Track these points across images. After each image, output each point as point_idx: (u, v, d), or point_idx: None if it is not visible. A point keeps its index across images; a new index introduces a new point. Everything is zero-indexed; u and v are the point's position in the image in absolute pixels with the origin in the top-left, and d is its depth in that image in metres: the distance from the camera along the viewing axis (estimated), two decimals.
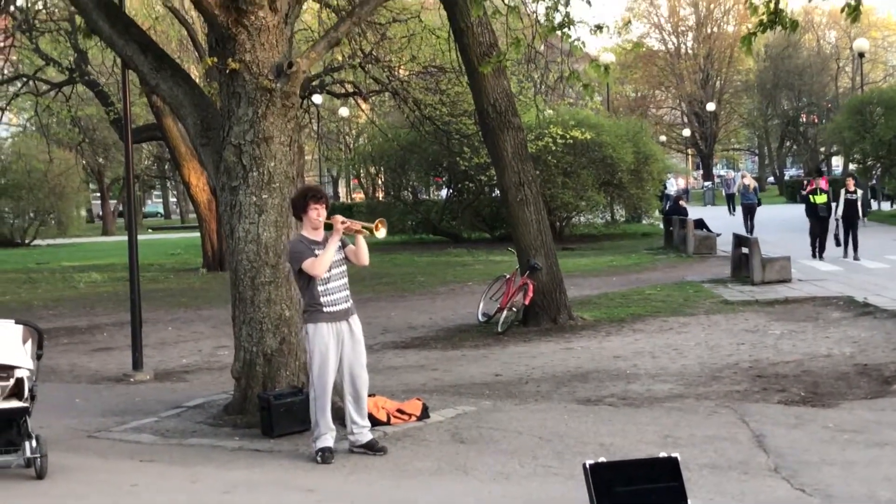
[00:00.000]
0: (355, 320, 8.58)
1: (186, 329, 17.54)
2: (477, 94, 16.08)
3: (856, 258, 23.22)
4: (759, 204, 35.31)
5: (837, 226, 23.96)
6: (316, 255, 8.31)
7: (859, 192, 24.66)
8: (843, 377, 10.90)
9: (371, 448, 8.47)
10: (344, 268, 8.57)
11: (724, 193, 54.69)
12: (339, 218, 8.48)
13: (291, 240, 8.58)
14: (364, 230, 8.62)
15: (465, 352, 14.01)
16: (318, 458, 8.31)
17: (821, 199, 24.26)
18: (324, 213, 8.49)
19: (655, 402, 10.10)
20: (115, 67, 25.11)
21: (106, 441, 9.55)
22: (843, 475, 7.37)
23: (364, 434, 8.53)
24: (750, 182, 35.87)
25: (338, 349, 8.41)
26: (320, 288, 8.37)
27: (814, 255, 24.04)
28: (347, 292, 8.58)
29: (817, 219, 24.33)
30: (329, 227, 8.48)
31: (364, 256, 8.64)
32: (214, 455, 8.79)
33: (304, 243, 8.43)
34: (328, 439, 8.39)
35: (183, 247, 41.44)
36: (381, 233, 8.58)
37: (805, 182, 38.80)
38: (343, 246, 8.55)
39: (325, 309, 8.38)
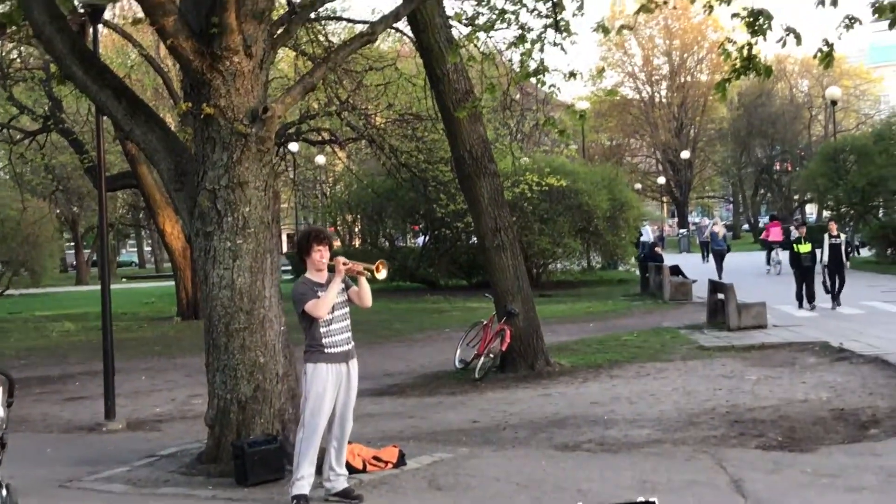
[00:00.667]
0: (354, 364, 8.54)
1: (160, 378, 17.38)
2: (453, 141, 16.10)
3: (835, 305, 22.70)
4: (729, 250, 37.09)
5: (824, 273, 23.06)
6: (318, 297, 8.26)
7: (843, 236, 24.05)
8: (820, 422, 10.87)
9: (346, 496, 8.37)
10: (347, 310, 8.53)
11: (697, 240, 55.00)
12: (341, 259, 8.44)
13: (296, 282, 8.52)
14: (366, 272, 8.59)
15: (442, 398, 13.92)
16: None
17: (804, 248, 23.38)
18: (327, 254, 8.46)
19: (633, 448, 10.03)
20: (90, 115, 25.13)
21: (77, 491, 9.40)
22: None
23: (340, 482, 8.44)
24: (720, 230, 37.02)
25: (334, 392, 8.34)
26: (322, 329, 8.31)
27: (800, 306, 23.04)
28: (349, 334, 8.54)
29: (801, 269, 23.42)
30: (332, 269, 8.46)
31: (367, 298, 8.60)
32: None
33: (307, 285, 8.39)
34: (306, 486, 8.26)
35: (157, 295, 41.20)
36: (383, 273, 8.57)
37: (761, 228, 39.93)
38: (346, 288, 8.51)
39: (326, 350, 8.32)
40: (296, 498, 8.22)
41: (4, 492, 7.62)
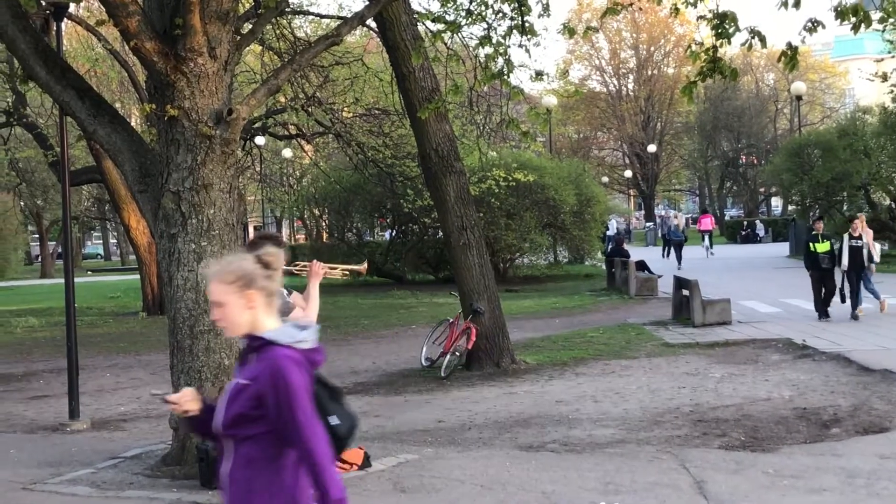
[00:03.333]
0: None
1: (125, 375, 17.30)
2: (419, 139, 16.11)
3: (853, 316, 19.54)
4: (686, 240, 41.25)
5: (843, 279, 20.00)
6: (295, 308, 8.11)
7: (866, 236, 20.46)
8: (783, 421, 10.98)
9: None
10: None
11: (659, 234, 55.49)
12: (318, 263, 8.40)
13: None
14: (346, 274, 8.56)
15: (408, 397, 13.95)
16: None
17: (822, 246, 20.40)
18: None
19: (597, 448, 10.10)
20: (54, 110, 24.90)
21: (41, 493, 9.35)
22: None
23: None
24: (679, 222, 39.58)
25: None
26: None
27: (821, 316, 19.88)
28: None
29: (819, 270, 20.18)
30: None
31: (314, 310, 8.51)
32: None
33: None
34: None
35: (122, 289, 40.95)
36: (363, 267, 8.56)
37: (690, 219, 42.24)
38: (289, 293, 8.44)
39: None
40: None
41: None
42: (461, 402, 13.19)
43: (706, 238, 46.11)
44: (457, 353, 15.68)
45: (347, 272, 8.62)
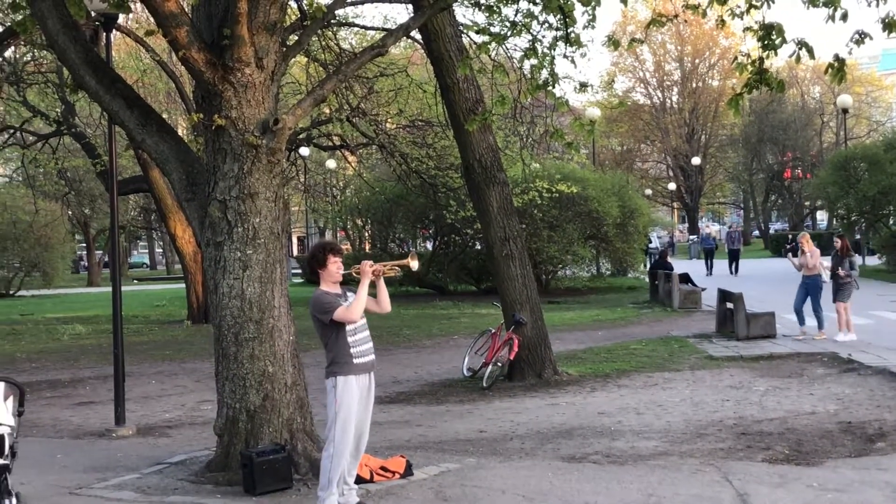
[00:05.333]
0: (373, 375, 8.50)
1: (170, 382, 17.45)
2: (463, 149, 16.15)
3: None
4: (717, 248, 45.49)
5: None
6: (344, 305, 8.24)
7: (813, 257, 19.80)
8: (827, 435, 10.89)
9: None
10: (365, 320, 8.48)
11: (700, 248, 55.67)
12: (367, 263, 8.48)
13: (315, 294, 8.41)
14: (396, 268, 8.63)
15: (449, 407, 13.97)
16: None
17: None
18: (342, 267, 8.47)
19: (640, 460, 10.07)
20: (102, 120, 25.25)
21: (87, 498, 9.45)
22: None
23: (352, 496, 8.43)
24: (711, 230, 41.80)
25: (360, 404, 8.30)
26: (350, 339, 8.24)
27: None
28: (372, 344, 8.49)
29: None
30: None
31: (386, 303, 8.59)
32: None
33: (329, 294, 8.33)
34: (335, 502, 8.22)
35: (168, 298, 41.31)
36: (415, 264, 8.60)
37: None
38: None
39: (355, 360, 8.24)
40: None
41: (14, 500, 7.70)
42: (503, 413, 13.19)
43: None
44: (499, 364, 15.68)
45: (397, 267, 8.66)
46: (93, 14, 13.06)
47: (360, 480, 9.00)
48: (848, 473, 9.18)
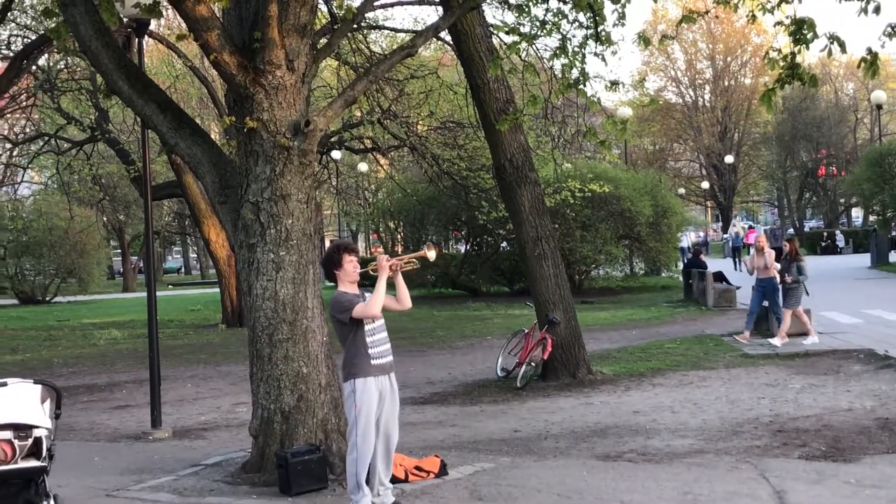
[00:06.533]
0: (394, 376, 8.48)
1: (205, 385, 17.55)
2: (494, 149, 16.15)
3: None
4: (745, 246, 46.01)
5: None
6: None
7: (769, 257, 19.32)
8: (865, 431, 10.81)
9: None
10: (383, 321, 8.46)
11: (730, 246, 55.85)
12: (385, 256, 8.47)
13: (333, 295, 8.42)
14: (413, 261, 8.63)
15: (483, 407, 13.96)
16: None
17: None
18: (359, 266, 8.48)
19: (675, 458, 10.03)
20: (136, 126, 25.40)
21: (124, 500, 9.51)
22: None
23: (388, 496, 8.43)
24: (739, 230, 41.86)
25: (381, 406, 8.28)
26: (369, 339, 8.22)
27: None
28: (390, 345, 8.46)
29: None
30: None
31: (406, 298, 8.54)
32: None
33: (348, 294, 8.32)
34: (369, 502, 8.23)
35: (202, 302, 41.54)
36: (432, 254, 8.57)
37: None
38: None
39: (373, 361, 8.22)
40: None
41: (52, 501, 7.77)
42: (537, 412, 13.17)
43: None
44: (532, 364, 15.66)
45: (414, 260, 8.65)
46: (125, 20, 13.15)
47: (394, 480, 9.00)
48: (886, 469, 9.11)
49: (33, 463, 7.80)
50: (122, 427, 13.83)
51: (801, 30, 10.76)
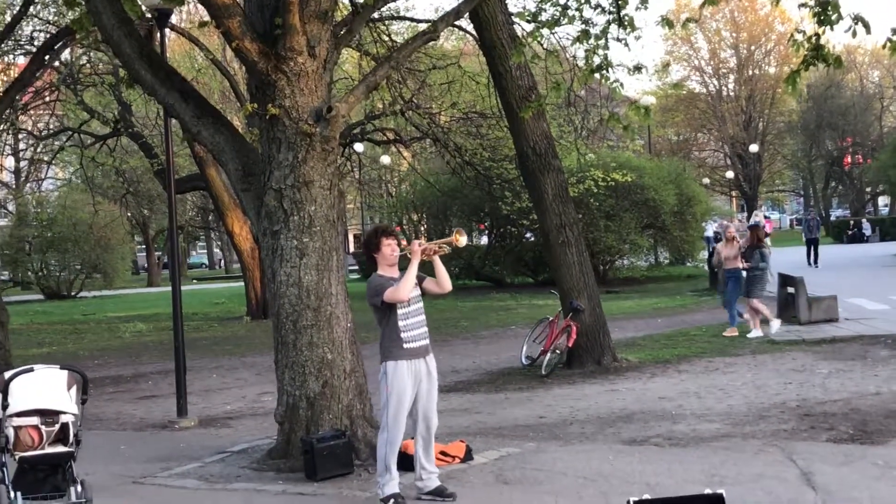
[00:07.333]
0: (432, 359, 8.42)
1: (230, 376, 17.60)
2: (517, 137, 16.10)
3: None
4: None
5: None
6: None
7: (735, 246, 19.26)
8: (893, 415, 10.71)
9: (440, 494, 8.29)
10: (421, 304, 8.44)
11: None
12: (416, 242, 8.47)
13: (370, 279, 8.44)
14: (444, 247, 8.61)
15: (508, 394, 13.94)
16: None
17: None
18: (397, 249, 8.44)
19: (702, 442, 9.98)
20: (158, 119, 25.50)
21: (151, 487, 9.56)
22: None
23: (432, 480, 8.37)
24: (760, 219, 43.76)
25: (414, 389, 8.22)
26: (401, 323, 8.21)
27: None
28: (426, 329, 8.42)
29: None
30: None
31: (446, 281, 8.52)
32: (258, 499, 8.78)
33: (382, 278, 8.30)
34: (396, 485, 8.19)
35: (227, 296, 41.68)
36: (463, 241, 8.52)
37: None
38: (420, 281, 8.44)
39: (405, 345, 8.20)
40: (391, 497, 8.11)
41: (80, 487, 7.79)
42: (562, 399, 13.13)
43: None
44: (557, 351, 15.61)
45: (446, 244, 8.63)
46: (146, 11, 13.18)
47: None
48: None
49: (60, 448, 7.83)
50: (149, 416, 13.89)
51: (825, 11, 10.69)
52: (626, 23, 12.18)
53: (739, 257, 18.85)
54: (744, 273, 18.79)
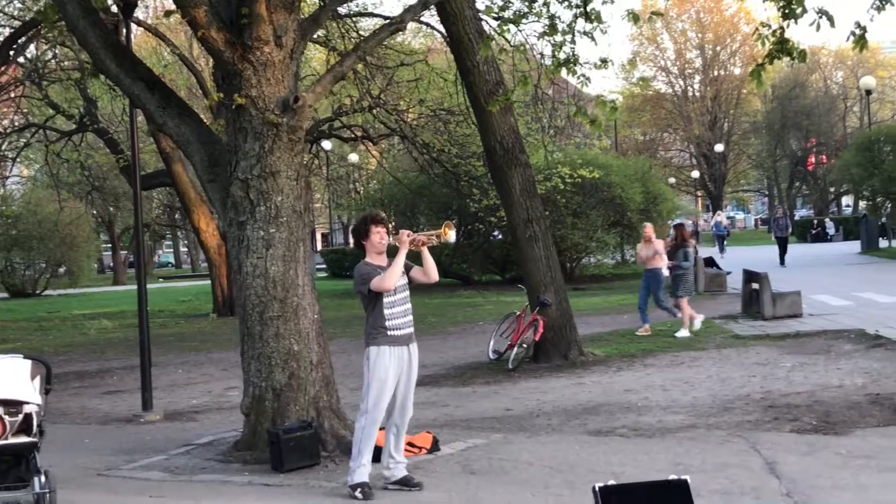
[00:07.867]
0: (415, 349, 8.45)
1: (196, 371, 17.52)
2: (484, 132, 16.12)
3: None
4: (728, 234, 50.85)
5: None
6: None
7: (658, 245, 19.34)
8: (856, 406, 10.81)
9: (406, 483, 8.30)
10: (407, 293, 8.45)
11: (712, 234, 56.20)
12: (405, 232, 8.47)
13: (357, 266, 8.47)
14: (432, 238, 8.62)
15: (475, 388, 13.96)
16: (359, 495, 8.07)
17: None
18: (386, 237, 8.45)
19: (667, 433, 10.04)
20: (124, 115, 25.28)
21: (115, 478, 9.50)
22: (856, 499, 7.32)
23: (399, 469, 8.38)
24: (721, 219, 49.49)
25: (396, 378, 8.25)
26: (386, 311, 8.22)
27: None
28: (411, 318, 8.45)
29: None
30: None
31: (433, 271, 8.57)
32: (224, 490, 8.74)
33: (370, 266, 8.33)
34: (365, 473, 8.18)
35: (193, 294, 41.45)
36: (451, 235, 8.56)
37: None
38: (407, 270, 8.47)
39: (389, 332, 8.22)
40: (358, 486, 8.10)
41: (43, 478, 7.74)
42: (529, 392, 13.17)
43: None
44: (524, 346, 15.64)
45: (434, 236, 8.65)
46: (111, 2, 13.10)
47: None
48: (877, 441, 9.13)
49: (24, 439, 7.77)
50: (113, 411, 13.80)
51: (790, 4, 10.77)
52: (592, 17, 12.21)
53: (659, 256, 18.86)
54: (666, 272, 18.85)
